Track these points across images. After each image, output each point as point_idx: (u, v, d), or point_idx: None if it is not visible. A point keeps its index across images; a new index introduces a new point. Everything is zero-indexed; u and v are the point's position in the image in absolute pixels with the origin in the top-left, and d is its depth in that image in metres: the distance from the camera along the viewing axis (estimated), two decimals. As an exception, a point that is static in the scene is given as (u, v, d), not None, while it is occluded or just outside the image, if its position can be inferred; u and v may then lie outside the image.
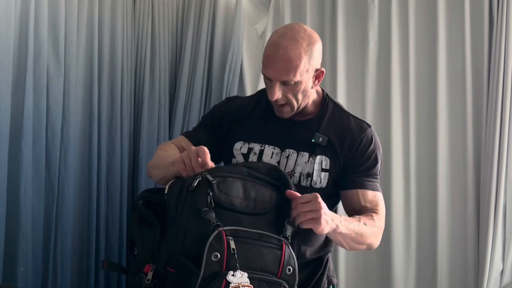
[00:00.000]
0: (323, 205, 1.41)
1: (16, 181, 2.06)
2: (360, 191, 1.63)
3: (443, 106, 2.67)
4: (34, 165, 2.14)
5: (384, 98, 2.78)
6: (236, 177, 1.42)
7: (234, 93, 2.82)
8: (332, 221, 1.44)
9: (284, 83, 1.56)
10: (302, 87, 1.58)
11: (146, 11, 2.75)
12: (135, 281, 1.33)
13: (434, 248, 2.65)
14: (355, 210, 1.62)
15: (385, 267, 2.73)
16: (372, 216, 1.60)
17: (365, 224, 1.56)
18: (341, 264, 2.78)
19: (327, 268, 1.68)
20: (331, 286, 1.73)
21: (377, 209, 1.63)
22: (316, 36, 1.59)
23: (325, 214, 1.41)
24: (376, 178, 1.67)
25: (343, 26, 2.85)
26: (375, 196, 1.64)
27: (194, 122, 2.69)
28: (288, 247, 1.36)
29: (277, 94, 1.56)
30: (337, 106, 1.71)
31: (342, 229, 1.48)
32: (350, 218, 1.55)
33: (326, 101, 1.70)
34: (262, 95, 1.74)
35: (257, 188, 1.43)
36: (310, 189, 1.60)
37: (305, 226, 1.42)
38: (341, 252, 2.77)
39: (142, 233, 1.41)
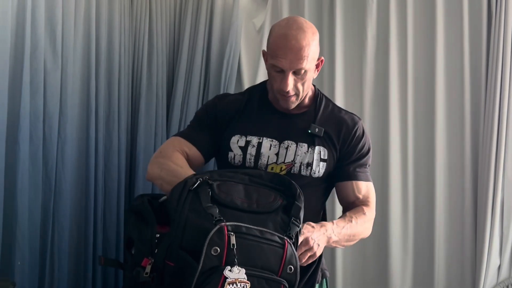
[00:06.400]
0: (313, 241, 1.49)
1: (13, 176, 2.05)
2: (354, 182, 1.70)
3: (441, 102, 2.67)
4: (31, 160, 2.13)
5: (382, 93, 2.78)
6: (238, 181, 1.43)
7: (232, 87, 2.81)
8: (325, 239, 1.54)
9: (296, 73, 1.59)
10: (310, 75, 1.63)
11: (144, 5, 2.73)
12: (132, 275, 1.34)
13: (431, 243, 2.65)
14: (349, 201, 1.71)
15: (383, 262, 2.73)
16: (363, 210, 1.69)
17: (357, 223, 1.64)
18: (338, 259, 2.77)
19: (321, 261, 1.69)
20: (324, 279, 1.74)
21: (368, 201, 1.72)
22: (314, 27, 1.65)
23: (315, 241, 1.49)
24: (367, 168, 1.75)
25: (341, 20, 2.84)
26: (367, 187, 1.73)
27: (191, 116, 2.63)
28: (291, 246, 1.35)
29: (291, 84, 1.59)
30: (328, 100, 1.78)
31: (335, 237, 1.57)
32: (342, 221, 1.62)
33: (319, 95, 1.76)
34: (253, 90, 1.79)
35: (260, 191, 1.44)
36: (309, 178, 1.65)
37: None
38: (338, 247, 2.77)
39: (139, 230, 1.42)
